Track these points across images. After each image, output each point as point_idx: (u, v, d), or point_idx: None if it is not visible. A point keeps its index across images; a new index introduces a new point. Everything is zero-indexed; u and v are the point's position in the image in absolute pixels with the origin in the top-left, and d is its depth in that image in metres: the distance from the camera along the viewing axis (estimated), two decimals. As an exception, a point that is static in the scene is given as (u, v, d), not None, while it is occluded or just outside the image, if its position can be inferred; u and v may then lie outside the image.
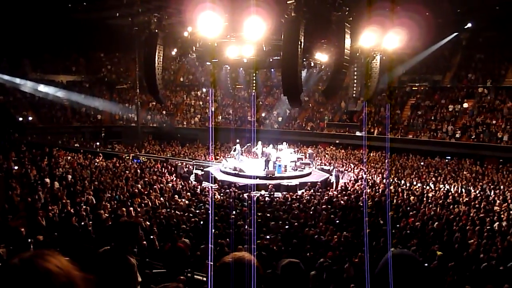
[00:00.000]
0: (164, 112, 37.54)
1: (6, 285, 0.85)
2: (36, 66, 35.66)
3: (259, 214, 12.72)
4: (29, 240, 7.04)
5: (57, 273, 0.87)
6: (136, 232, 3.29)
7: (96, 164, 21.25)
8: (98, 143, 32.15)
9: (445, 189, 18.24)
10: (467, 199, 16.18)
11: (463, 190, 18.06)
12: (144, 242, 8.93)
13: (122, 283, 3.04)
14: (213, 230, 9.99)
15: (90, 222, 10.32)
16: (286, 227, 11.33)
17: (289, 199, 15.71)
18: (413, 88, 32.54)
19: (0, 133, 26.62)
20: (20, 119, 31.69)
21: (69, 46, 35.05)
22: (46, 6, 28.22)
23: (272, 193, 17.31)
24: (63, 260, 0.93)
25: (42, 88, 33.41)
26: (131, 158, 24.74)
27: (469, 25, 31.48)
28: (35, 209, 10.65)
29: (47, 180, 15.15)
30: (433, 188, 18.64)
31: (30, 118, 32.26)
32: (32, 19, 28.75)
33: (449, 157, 26.36)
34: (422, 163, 25.14)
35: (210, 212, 12.84)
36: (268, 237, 10.24)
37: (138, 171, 19.81)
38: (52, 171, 17.65)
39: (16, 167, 17.62)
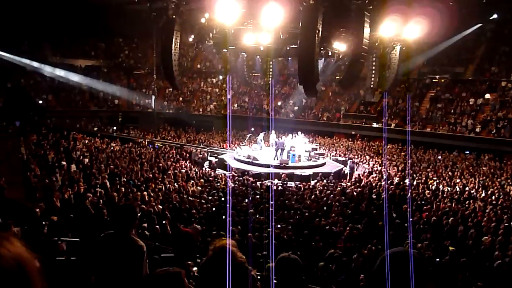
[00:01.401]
0: (180, 98, 37.70)
1: None
2: (55, 50, 36.13)
3: (271, 203, 12.73)
4: (43, 222, 7.19)
5: (7, 256, 0.83)
6: (134, 216, 3.30)
7: (112, 148, 21.54)
8: (114, 128, 32.57)
9: (462, 184, 17.90)
10: (483, 195, 15.86)
11: (480, 186, 17.68)
12: (157, 227, 9.05)
13: (132, 265, 3.07)
14: (228, 218, 10.04)
15: (104, 205, 10.47)
16: (297, 217, 11.31)
17: (302, 189, 15.66)
18: (433, 80, 31.80)
19: (21, 115, 27.21)
20: (40, 102, 32.28)
21: (88, 31, 35.32)
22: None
23: (285, 182, 17.29)
24: (17, 244, 0.88)
25: (62, 71, 33.86)
26: (147, 143, 25.00)
27: (495, 16, 30.47)
28: (51, 190, 10.88)
29: (64, 162, 15.43)
30: (449, 182, 18.31)
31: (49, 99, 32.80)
32: (52, 3, 29.02)
33: (467, 152, 25.81)
34: (439, 157, 24.69)
35: (223, 199, 12.94)
36: (279, 226, 10.26)
37: (153, 156, 20.02)
38: (69, 154, 17.97)
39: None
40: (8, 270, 0.81)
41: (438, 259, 8.07)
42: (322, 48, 17.29)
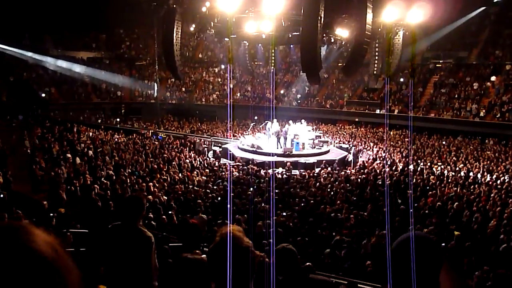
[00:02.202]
0: (183, 88, 37.64)
1: None
2: (57, 42, 36.03)
3: (276, 191, 12.77)
4: (51, 214, 7.26)
5: (39, 250, 0.74)
6: (141, 207, 3.28)
7: (116, 140, 21.61)
8: (118, 119, 32.62)
9: (466, 169, 17.87)
10: (488, 179, 15.83)
11: (485, 170, 17.65)
12: (164, 217, 9.12)
13: (141, 256, 3.09)
14: (231, 206, 10.10)
15: (110, 197, 10.55)
16: (302, 204, 11.36)
17: (307, 176, 15.70)
18: (437, 65, 31.53)
19: (24, 109, 27.27)
20: (43, 95, 32.32)
21: (89, 22, 35.17)
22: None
23: (289, 170, 17.32)
24: (46, 237, 0.79)
25: (64, 64, 33.82)
26: (150, 134, 25.06)
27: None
28: (57, 183, 10.96)
29: (69, 155, 15.51)
30: (453, 168, 18.29)
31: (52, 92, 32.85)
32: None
33: (470, 137, 25.70)
34: (443, 143, 24.62)
35: (228, 188, 12.99)
36: (284, 214, 10.31)
37: (157, 147, 20.07)
38: (74, 146, 18.04)
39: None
40: (42, 266, 0.73)
41: (443, 244, 8.10)
42: (324, 35, 17.17)
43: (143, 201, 3.34)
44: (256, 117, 27.89)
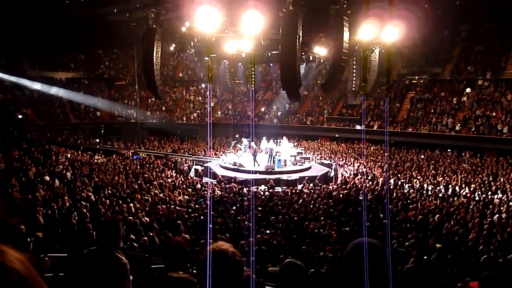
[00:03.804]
0: (163, 108, 37.49)
1: None
2: (34, 63, 35.51)
3: (259, 208, 12.72)
4: (28, 238, 7.02)
5: (14, 268, 0.77)
6: (117, 231, 3.14)
7: (95, 161, 21.25)
8: (97, 140, 32.13)
9: (445, 182, 18.24)
10: (466, 191, 16.18)
11: (463, 182, 18.05)
12: (145, 238, 8.95)
13: (115, 283, 3.00)
14: (211, 225, 9.99)
15: (89, 220, 10.31)
16: (286, 221, 11.33)
17: (289, 193, 15.71)
18: (413, 81, 32.44)
19: (0, 131, 26.60)
20: (20, 116, 31.64)
21: (67, 42, 34.83)
22: (43, 2, 28.09)
23: (272, 187, 17.32)
24: (18, 254, 0.82)
25: (41, 85, 33.29)
26: (131, 154, 24.75)
27: (468, 17, 31.32)
28: (34, 206, 10.66)
29: (47, 177, 15.15)
30: (432, 181, 18.64)
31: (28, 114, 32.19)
32: (30, 16, 28.62)
33: (449, 150, 26.35)
34: (422, 156, 25.13)
35: (209, 207, 12.87)
36: (268, 231, 10.25)
37: (138, 167, 19.82)
38: (51, 168, 17.65)
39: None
40: (16, 282, 0.76)
41: (425, 257, 8.19)
42: (303, 53, 17.50)
43: (119, 225, 3.18)
44: (237, 135, 27.94)
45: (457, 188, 17.04)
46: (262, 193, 15.96)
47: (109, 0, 29.07)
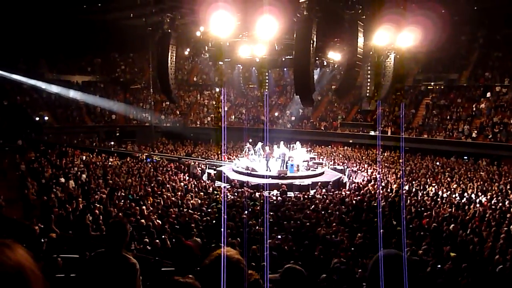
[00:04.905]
0: (177, 111, 37.80)
1: None
2: (52, 67, 36.25)
3: (271, 213, 12.69)
4: (42, 239, 7.15)
5: (6, 264, 0.86)
6: (125, 232, 3.20)
7: (110, 163, 21.50)
8: (112, 143, 32.53)
9: (460, 189, 17.92)
10: (483, 200, 15.86)
11: (479, 191, 17.71)
12: (157, 241, 8.99)
13: (125, 283, 3.02)
14: (225, 229, 9.99)
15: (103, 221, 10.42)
16: (297, 227, 11.27)
17: (301, 198, 15.64)
18: (428, 87, 32.04)
19: (18, 133, 27.16)
20: (37, 119, 32.28)
21: (84, 46, 35.54)
22: (61, 7, 28.69)
23: (284, 192, 17.26)
24: (20, 251, 0.92)
25: (58, 88, 33.92)
26: (145, 157, 24.98)
27: (486, 22, 30.86)
28: (50, 207, 10.82)
29: (62, 179, 15.38)
30: (447, 188, 18.33)
31: (46, 118, 32.80)
32: (48, 20, 29.24)
33: (466, 158, 25.89)
34: (437, 163, 24.75)
35: (223, 211, 12.88)
36: (279, 236, 10.20)
37: (152, 170, 19.98)
38: (67, 170, 17.91)
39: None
40: (8, 277, 0.85)
41: (439, 265, 8.04)
42: (317, 58, 17.44)
43: (126, 227, 3.26)
44: (250, 140, 27.95)
45: (473, 196, 16.72)
46: (274, 198, 15.91)
47: (126, 5, 29.54)
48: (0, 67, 30.51)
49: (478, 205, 14.87)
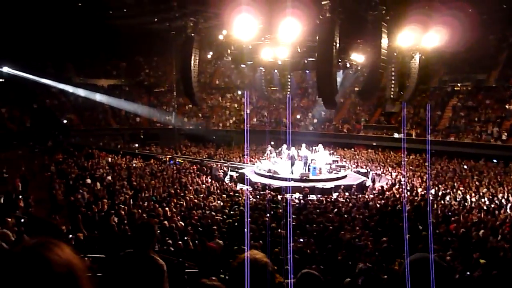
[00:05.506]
0: (200, 114, 38.13)
1: (5, 271, 0.87)
2: (79, 71, 37.24)
3: (294, 216, 12.60)
4: (70, 236, 7.32)
5: (57, 262, 0.90)
6: (152, 234, 3.25)
7: (134, 165, 21.86)
8: (136, 145, 33.09)
9: (490, 194, 17.35)
10: (514, 204, 15.31)
11: (510, 195, 17.09)
12: (180, 243, 9.07)
13: (153, 284, 3.05)
14: (248, 231, 9.98)
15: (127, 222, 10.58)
16: (320, 230, 11.15)
17: (324, 202, 15.48)
18: (455, 88, 31.22)
19: (46, 135, 27.99)
20: (65, 121, 33.19)
21: (110, 51, 36.38)
22: (88, 13, 29.46)
23: (306, 195, 17.13)
24: (67, 250, 0.95)
25: (85, 92, 34.80)
26: (168, 160, 25.26)
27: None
28: (76, 207, 11.08)
29: (88, 180, 15.73)
30: (476, 192, 17.78)
31: (65, 122, 33.65)
32: (75, 26, 30.06)
33: (495, 161, 25.06)
34: (465, 167, 24.05)
35: (244, 213, 12.88)
36: (301, 240, 10.12)
37: (175, 172, 20.20)
38: (92, 171, 18.32)
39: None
40: (59, 275, 0.89)
41: (468, 272, 7.79)
42: (340, 60, 17.28)
43: (154, 228, 3.30)
44: (272, 142, 27.88)
45: (503, 200, 16.15)
46: (296, 201, 15.81)
47: (150, 10, 30.03)
48: (30, 71, 31.57)
49: (509, 210, 14.36)
